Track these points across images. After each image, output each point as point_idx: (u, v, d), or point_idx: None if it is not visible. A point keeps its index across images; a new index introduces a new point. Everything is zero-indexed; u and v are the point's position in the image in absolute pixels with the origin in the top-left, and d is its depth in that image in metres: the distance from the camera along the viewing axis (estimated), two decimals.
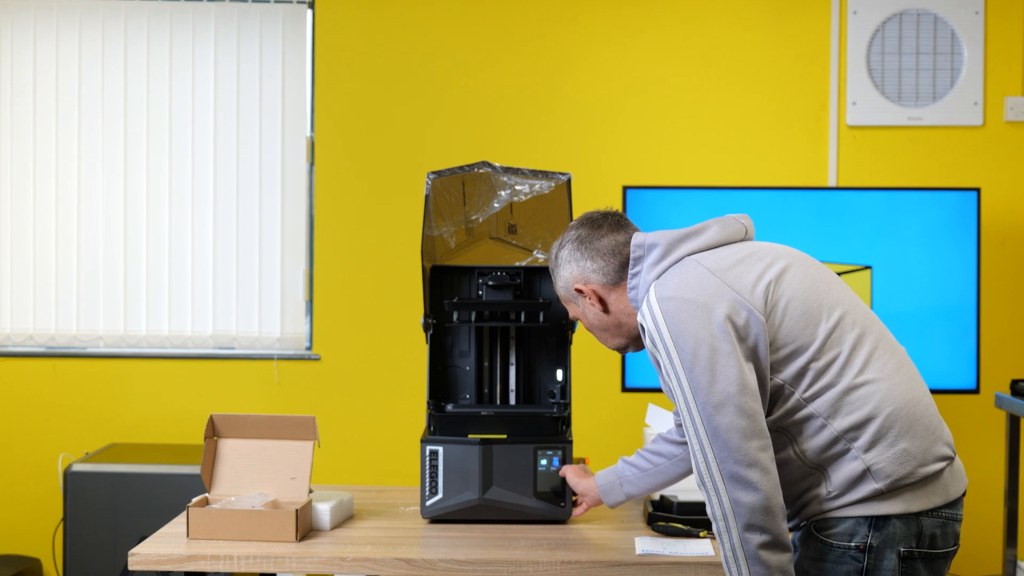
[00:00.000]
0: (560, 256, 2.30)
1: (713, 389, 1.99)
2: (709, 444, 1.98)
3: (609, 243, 2.25)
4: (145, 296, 4.38)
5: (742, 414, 1.98)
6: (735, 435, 1.97)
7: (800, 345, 2.04)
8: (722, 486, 1.97)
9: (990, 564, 4.22)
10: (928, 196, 3.98)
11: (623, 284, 2.24)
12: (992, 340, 4.17)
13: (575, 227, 2.30)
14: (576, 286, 2.27)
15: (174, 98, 4.38)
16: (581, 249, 2.27)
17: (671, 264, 2.15)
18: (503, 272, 3.03)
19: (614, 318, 2.27)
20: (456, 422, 2.88)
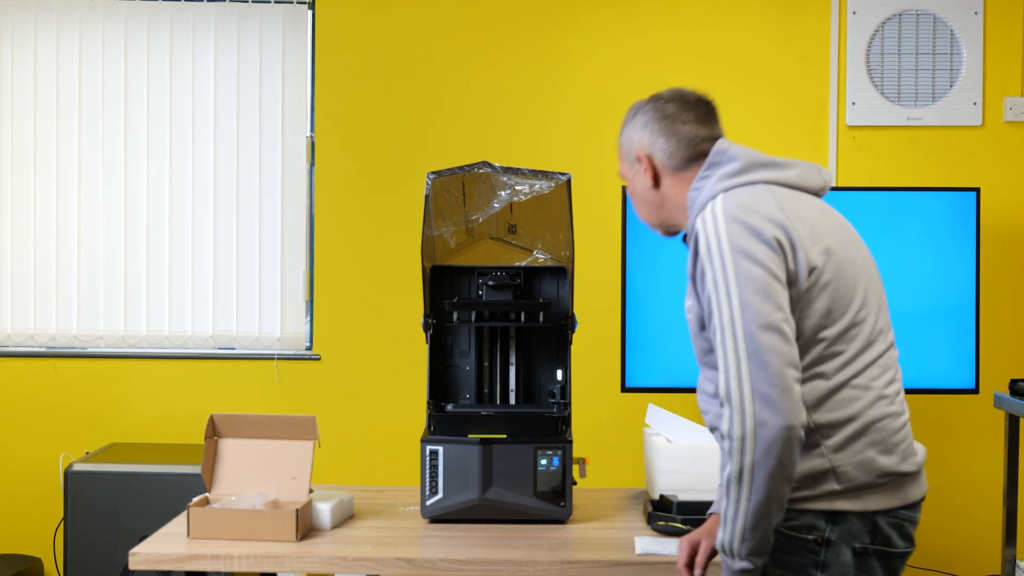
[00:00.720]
0: (638, 118, 2.25)
1: (763, 310, 1.96)
2: (747, 362, 1.94)
3: (690, 132, 2.20)
4: (145, 296, 4.39)
5: (786, 341, 1.96)
6: (776, 358, 1.94)
7: (819, 327, 2.04)
8: (750, 406, 1.93)
9: (990, 564, 4.23)
10: (928, 196, 3.98)
11: (684, 176, 2.20)
12: (991, 340, 4.17)
13: (667, 99, 2.23)
14: (639, 153, 2.23)
15: (174, 98, 4.38)
16: (662, 124, 2.21)
17: (744, 184, 2.11)
18: (503, 272, 3.03)
19: (660, 199, 2.24)
20: (456, 422, 2.88)
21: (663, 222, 2.27)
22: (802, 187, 2.17)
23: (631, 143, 2.25)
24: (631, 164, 2.26)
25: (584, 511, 2.97)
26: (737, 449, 1.94)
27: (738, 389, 1.94)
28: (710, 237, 2.03)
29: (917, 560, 4.26)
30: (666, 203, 2.23)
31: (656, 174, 2.22)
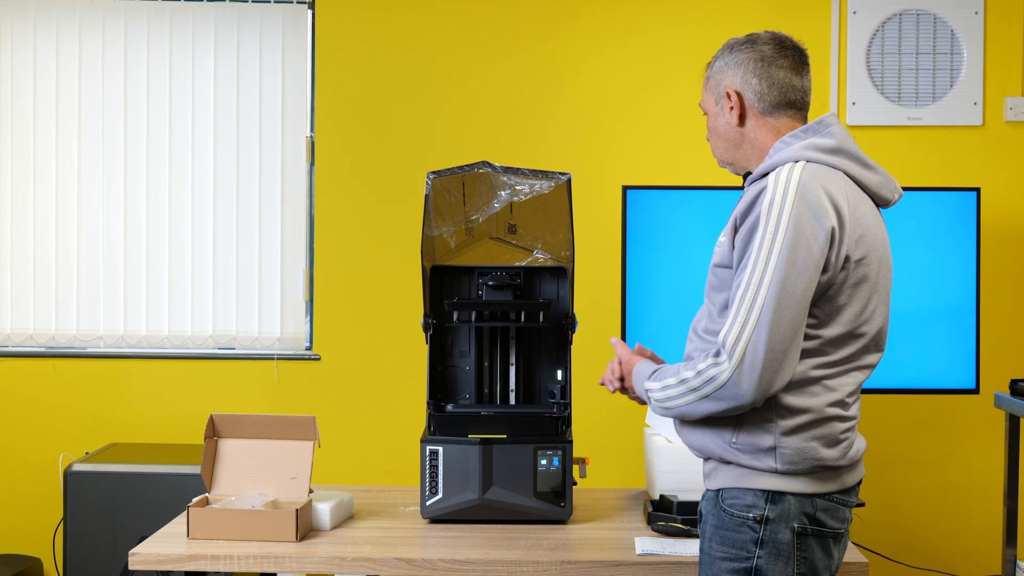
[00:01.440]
0: (733, 54, 2.25)
1: (792, 288, 2.02)
2: (754, 326, 2.02)
3: (783, 78, 2.22)
4: (145, 296, 4.39)
5: (798, 324, 2.03)
6: (782, 336, 2.02)
7: (821, 324, 2.10)
8: (736, 364, 2.02)
9: (990, 564, 4.23)
10: (928, 196, 3.98)
11: (768, 121, 2.22)
12: (992, 340, 4.17)
13: (765, 40, 2.24)
14: (728, 89, 2.24)
15: (174, 98, 4.38)
16: (758, 64, 2.22)
17: (827, 164, 2.14)
18: (503, 272, 3.03)
19: (740, 138, 2.25)
20: (456, 422, 2.88)
21: (735, 161, 2.28)
22: (874, 194, 2.21)
23: (722, 78, 2.26)
24: (717, 99, 2.27)
25: (584, 511, 2.97)
26: (704, 379, 2.07)
27: (732, 345, 2.03)
28: (776, 198, 2.06)
29: (917, 560, 4.26)
30: (745, 143, 2.25)
31: (743, 113, 2.23)
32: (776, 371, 2.03)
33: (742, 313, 2.03)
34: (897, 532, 4.28)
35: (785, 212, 2.04)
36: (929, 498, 4.29)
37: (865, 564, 2.54)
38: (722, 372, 2.04)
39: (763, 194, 2.08)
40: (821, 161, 2.13)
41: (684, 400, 2.11)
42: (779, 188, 2.06)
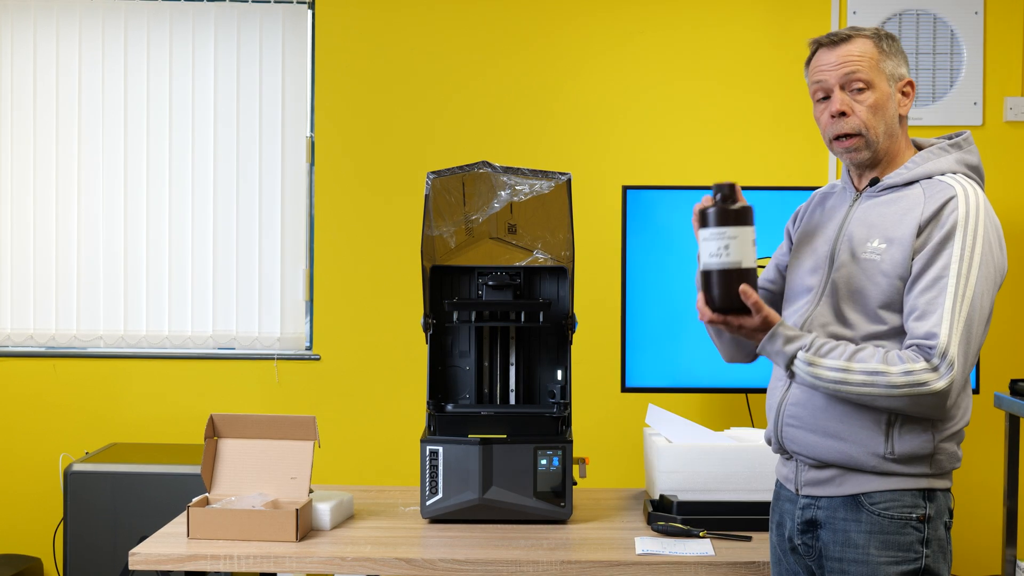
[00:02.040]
0: (900, 50, 2.27)
1: (986, 304, 2.12)
2: (962, 337, 2.07)
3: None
4: (145, 296, 4.38)
5: (984, 338, 2.12)
6: (974, 353, 2.09)
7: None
8: (954, 372, 2.05)
9: (990, 564, 4.23)
10: None
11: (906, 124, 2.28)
12: (992, 340, 4.16)
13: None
14: (910, 79, 2.26)
15: (174, 98, 4.38)
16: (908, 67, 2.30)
17: (975, 182, 2.24)
18: (503, 272, 3.03)
19: (895, 130, 2.25)
20: (456, 422, 2.88)
21: (882, 149, 2.24)
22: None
23: (899, 65, 2.26)
24: (891, 82, 2.24)
25: (584, 511, 2.97)
26: (912, 382, 2.05)
27: (955, 356, 2.05)
28: (971, 212, 2.14)
29: None
30: (897, 137, 2.25)
31: (907, 105, 2.27)
32: (967, 382, 2.15)
33: (958, 323, 2.06)
34: None
35: (980, 226, 2.13)
36: None
37: None
38: (940, 380, 2.05)
39: (954, 204, 2.13)
40: (973, 178, 2.24)
41: (869, 391, 2.09)
42: (971, 201, 2.15)
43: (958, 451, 2.19)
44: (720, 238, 2.13)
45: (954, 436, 2.17)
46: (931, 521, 2.13)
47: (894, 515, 2.13)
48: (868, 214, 2.23)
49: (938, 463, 2.15)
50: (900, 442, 2.12)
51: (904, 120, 2.26)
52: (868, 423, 2.13)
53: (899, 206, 2.18)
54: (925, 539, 2.13)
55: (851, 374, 2.09)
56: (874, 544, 2.13)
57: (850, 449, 2.14)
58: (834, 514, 2.17)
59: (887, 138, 2.23)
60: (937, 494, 2.15)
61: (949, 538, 2.18)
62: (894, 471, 2.13)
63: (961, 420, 2.17)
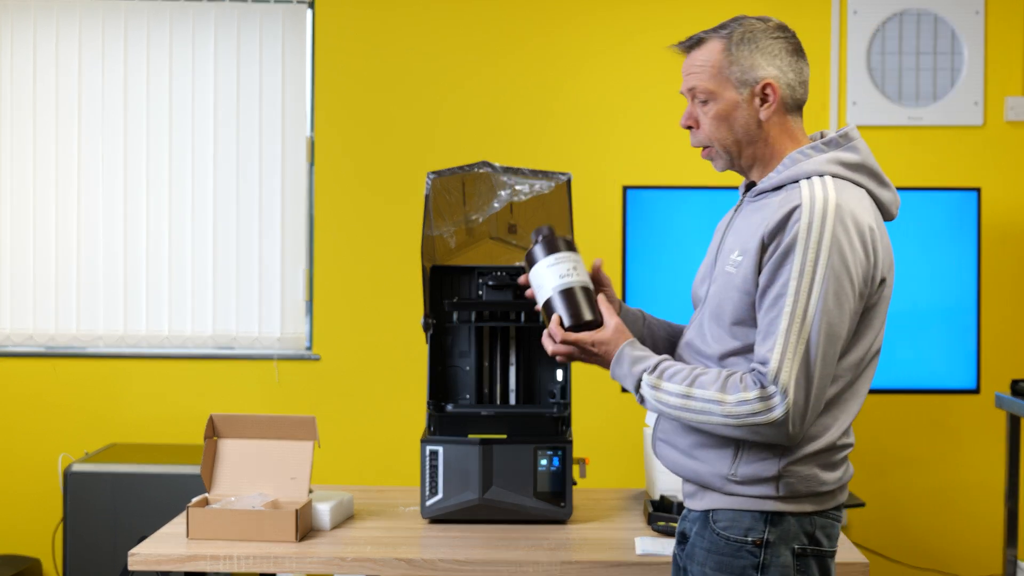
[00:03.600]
0: (766, 42, 2.07)
1: (836, 321, 1.92)
2: (800, 362, 1.89)
3: (807, 73, 2.09)
4: (145, 296, 4.38)
5: (836, 357, 1.94)
6: (823, 375, 1.92)
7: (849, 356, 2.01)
8: (787, 400, 1.89)
9: (990, 564, 4.23)
10: (928, 196, 3.98)
11: (787, 122, 2.08)
12: (992, 340, 4.17)
13: (787, 30, 2.09)
14: (769, 81, 2.04)
15: (174, 98, 4.38)
16: (793, 57, 2.07)
17: (852, 181, 2.02)
18: (503, 272, 3.03)
19: (756, 136, 2.07)
20: (456, 422, 2.88)
21: (741, 158, 2.10)
22: (886, 211, 2.11)
23: (754, 65, 2.05)
24: (740, 87, 2.05)
25: (584, 511, 2.97)
26: (748, 411, 1.91)
27: (786, 382, 1.90)
28: (815, 218, 1.92)
29: (917, 560, 4.26)
30: (758, 143, 2.08)
31: (775, 111, 2.06)
32: (819, 408, 1.94)
33: (791, 346, 1.90)
34: (897, 532, 4.28)
35: (826, 237, 1.91)
36: (929, 498, 4.28)
37: (865, 564, 2.54)
38: (773, 411, 1.90)
39: (798, 212, 1.93)
40: (846, 177, 2.01)
41: (707, 418, 1.96)
42: (816, 207, 1.92)
43: (821, 474, 2.00)
44: (568, 261, 2.19)
45: (811, 459, 1.99)
46: (771, 546, 1.98)
47: (730, 536, 2.01)
48: (740, 222, 2.08)
49: (788, 486, 1.98)
50: (744, 464, 1.99)
51: (773, 119, 2.05)
52: (718, 443, 2.02)
53: (760, 215, 2.00)
54: (761, 564, 1.98)
55: (691, 400, 1.97)
56: (710, 564, 2.03)
57: (699, 468, 2.05)
58: (694, 527, 2.10)
59: (745, 146, 2.07)
60: (786, 518, 1.99)
61: (807, 565, 2.01)
62: (736, 492, 2.01)
63: (819, 442, 1.99)
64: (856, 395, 2.04)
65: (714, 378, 1.97)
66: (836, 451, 2.04)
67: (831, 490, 2.04)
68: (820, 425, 2.00)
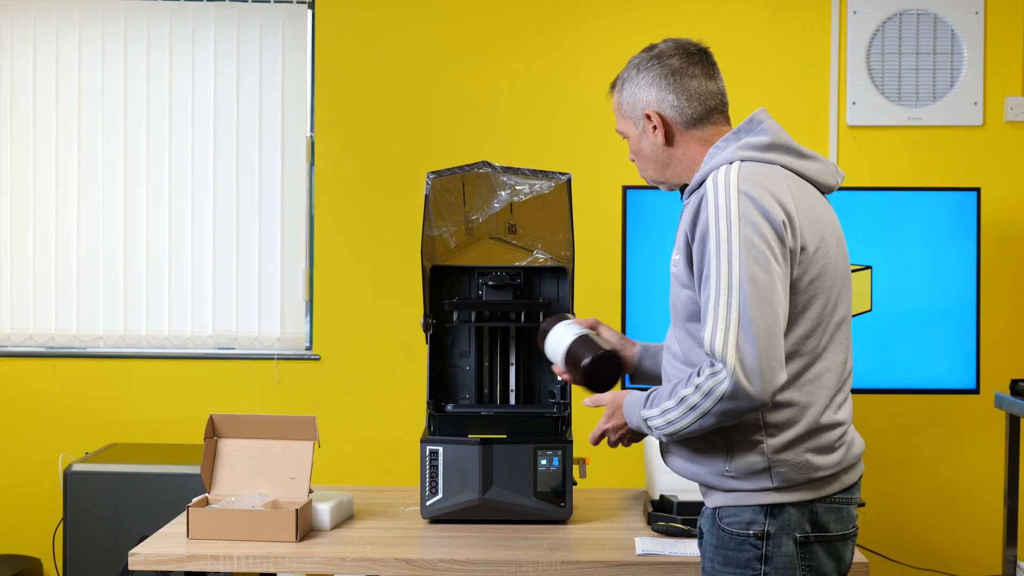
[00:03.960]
0: (642, 75, 2.20)
1: (763, 284, 1.96)
2: (737, 330, 1.94)
3: (699, 87, 2.18)
4: (145, 296, 4.38)
5: (779, 319, 1.97)
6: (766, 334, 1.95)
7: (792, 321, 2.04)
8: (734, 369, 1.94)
9: (990, 564, 4.22)
10: (928, 196, 3.98)
11: (695, 133, 2.18)
12: (992, 340, 4.17)
13: (668, 54, 2.19)
14: (648, 111, 2.18)
15: (174, 98, 4.38)
16: (669, 80, 2.18)
17: (763, 160, 2.10)
18: (503, 272, 3.03)
19: (669, 157, 2.20)
20: (456, 422, 2.88)
21: (667, 179, 2.23)
22: (816, 182, 2.16)
23: (635, 101, 2.21)
24: (636, 122, 2.22)
25: (584, 511, 2.97)
26: (703, 393, 1.97)
27: (722, 351, 1.95)
28: (719, 201, 2.01)
29: (917, 560, 4.26)
30: (674, 161, 2.20)
31: (667, 133, 2.18)
32: (774, 366, 1.96)
33: (721, 317, 1.96)
34: (897, 532, 4.28)
35: (732, 212, 1.99)
36: (929, 498, 4.28)
37: (865, 564, 2.54)
38: (721, 381, 1.95)
39: (705, 200, 2.03)
40: (756, 159, 2.09)
41: (688, 420, 2.02)
42: (720, 191, 2.02)
43: (814, 459, 2.05)
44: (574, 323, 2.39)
45: (798, 444, 2.04)
46: (772, 537, 2.04)
47: (733, 531, 2.07)
48: (679, 225, 2.17)
49: (781, 476, 2.04)
50: (736, 458, 2.06)
51: (676, 138, 2.18)
52: (711, 443, 2.09)
53: (687, 213, 2.11)
54: (764, 556, 2.04)
55: (670, 412, 2.05)
56: (718, 559, 2.10)
57: (699, 470, 2.12)
58: (705, 524, 2.17)
59: (663, 169, 2.21)
60: (785, 509, 2.04)
61: (812, 552, 2.07)
62: (735, 487, 2.07)
63: (802, 425, 2.04)
64: (828, 369, 2.08)
65: (682, 380, 2.05)
66: (823, 431, 2.07)
67: (830, 475, 2.07)
68: (796, 406, 2.04)
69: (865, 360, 3.90)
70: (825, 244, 2.08)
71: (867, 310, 3.96)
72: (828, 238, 2.09)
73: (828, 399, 2.08)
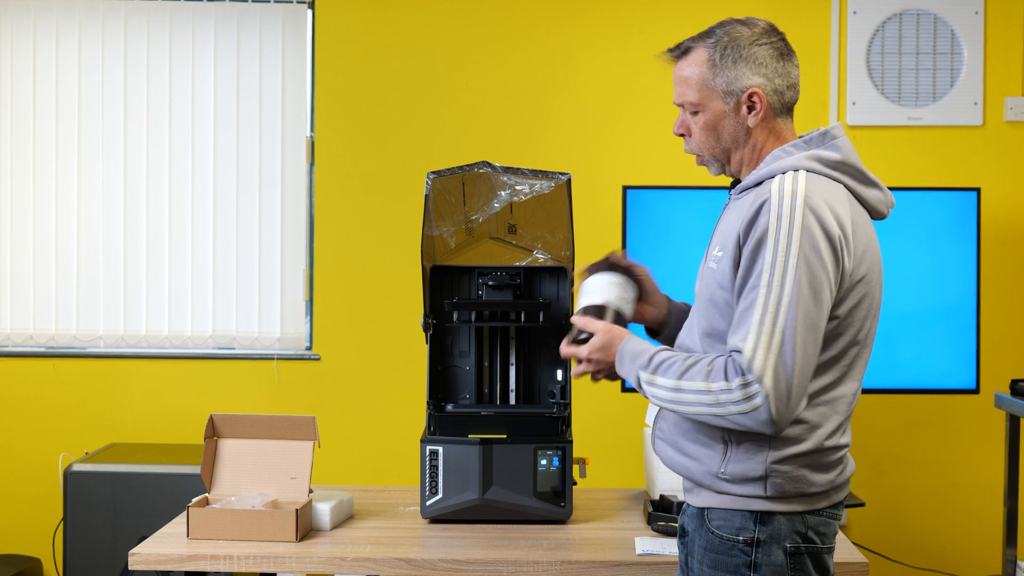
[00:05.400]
0: (752, 49, 2.07)
1: (811, 309, 1.93)
2: (778, 352, 1.91)
3: (796, 75, 2.10)
4: (145, 296, 4.38)
5: (817, 347, 1.95)
6: (803, 362, 1.93)
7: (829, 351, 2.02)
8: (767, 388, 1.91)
9: (990, 564, 4.23)
10: (928, 196, 3.98)
11: (775, 124, 2.10)
12: (992, 340, 4.17)
13: (775, 32, 2.09)
14: (755, 90, 2.06)
15: (174, 98, 4.38)
16: (779, 63, 2.08)
17: (829, 176, 2.03)
18: (503, 272, 3.03)
19: (744, 141, 2.10)
20: (456, 422, 2.88)
21: (730, 163, 2.13)
22: (872, 209, 2.11)
23: (738, 76, 2.07)
24: (727, 97, 2.08)
25: (584, 511, 2.97)
26: (732, 401, 1.94)
27: (761, 370, 1.91)
28: (784, 211, 1.94)
29: (917, 560, 4.26)
30: (746, 146, 2.11)
31: (764, 115, 2.08)
32: (801, 396, 1.94)
33: (765, 333, 1.91)
34: (897, 532, 4.28)
35: (796, 225, 1.93)
36: (929, 498, 4.29)
37: (865, 564, 2.54)
38: (752, 397, 1.91)
39: (767, 205, 1.96)
40: (823, 173, 2.02)
41: (697, 410, 1.99)
42: (785, 199, 1.95)
43: (810, 475, 2.02)
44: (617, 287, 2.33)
45: (799, 459, 2.01)
46: (762, 545, 2.01)
47: (724, 535, 2.04)
48: (725, 219, 2.12)
49: (775, 486, 2.01)
50: (733, 462, 2.03)
51: (763, 126, 2.09)
52: (709, 441, 2.06)
53: (739, 211, 2.04)
54: (753, 563, 2.01)
55: (682, 393, 2.00)
56: (707, 562, 2.07)
57: (692, 466, 2.09)
58: (691, 523, 2.14)
59: (734, 152, 2.11)
60: (776, 518, 2.01)
61: (801, 563, 2.03)
62: (727, 491, 2.04)
63: (808, 443, 2.01)
64: (844, 395, 2.05)
65: (702, 368, 1.99)
66: (826, 453, 2.05)
67: (822, 491, 2.06)
68: (807, 425, 2.02)
69: None
70: (871, 274, 2.04)
71: None
72: (873, 268, 2.05)
73: (838, 424, 2.05)
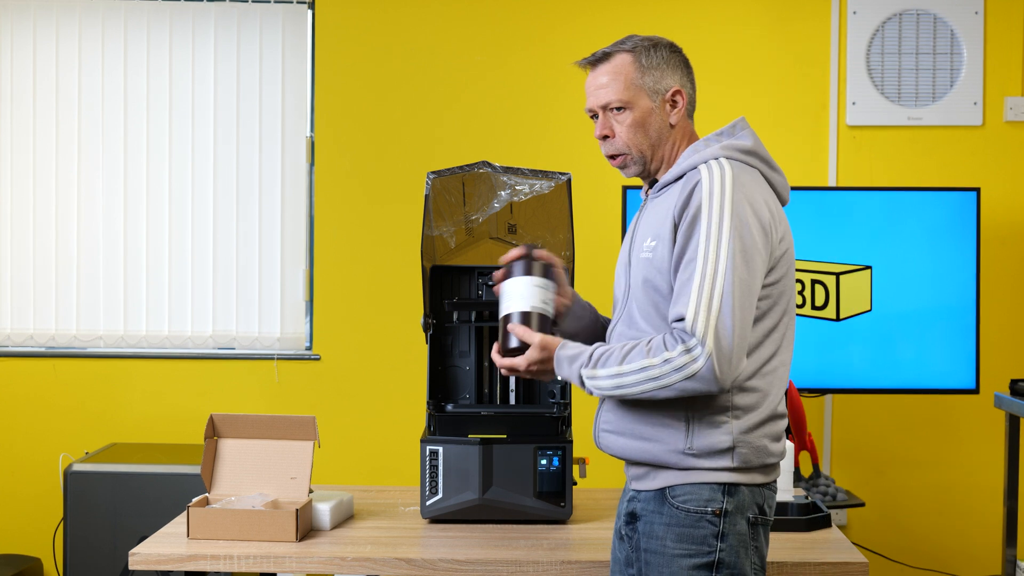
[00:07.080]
0: (668, 56, 2.26)
1: (745, 276, 2.06)
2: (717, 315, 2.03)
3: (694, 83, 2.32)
4: (145, 296, 4.39)
5: (753, 311, 2.08)
6: (741, 324, 2.05)
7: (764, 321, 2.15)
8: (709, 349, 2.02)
9: (990, 564, 4.23)
10: (928, 196, 3.98)
11: (689, 125, 2.29)
12: (992, 340, 4.17)
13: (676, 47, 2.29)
14: (678, 88, 2.25)
15: (174, 98, 4.38)
16: (687, 70, 2.29)
17: (745, 163, 2.19)
18: None
19: (667, 138, 2.27)
20: (456, 422, 2.88)
21: (650, 163, 2.29)
22: (779, 194, 2.26)
23: (663, 77, 2.25)
24: (652, 95, 2.25)
25: (584, 511, 2.97)
26: (674, 368, 2.04)
27: (703, 333, 2.03)
28: (715, 187, 2.10)
29: (917, 560, 4.26)
30: (667, 143, 2.27)
31: (681, 116, 2.27)
32: (742, 356, 2.06)
33: (704, 298, 2.04)
34: (897, 532, 4.28)
35: (727, 200, 2.08)
36: (929, 498, 4.29)
37: (865, 564, 2.54)
38: (696, 360, 2.03)
39: (699, 186, 2.11)
40: (740, 160, 2.18)
41: (643, 388, 2.09)
42: (715, 180, 2.10)
43: (770, 445, 2.16)
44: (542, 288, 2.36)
45: (758, 428, 2.14)
46: (728, 515, 2.12)
47: (691, 508, 2.13)
48: (648, 216, 2.26)
49: (741, 456, 2.12)
50: (698, 437, 2.13)
51: (681, 122, 2.27)
52: (670, 420, 2.15)
53: (667, 202, 2.19)
54: (720, 533, 2.11)
55: (624, 377, 2.10)
56: (671, 536, 2.14)
57: (654, 448, 2.18)
58: (647, 507, 2.21)
59: (654, 148, 2.27)
60: (740, 489, 2.13)
61: (758, 533, 2.16)
62: (694, 465, 2.13)
63: (762, 411, 2.14)
64: (783, 363, 2.19)
65: (640, 349, 2.11)
66: (777, 420, 2.19)
67: (775, 463, 2.20)
68: (759, 393, 2.15)
69: (865, 360, 3.91)
70: (791, 249, 2.20)
71: (867, 310, 3.97)
72: (791, 245, 2.21)
73: (782, 391, 2.19)
